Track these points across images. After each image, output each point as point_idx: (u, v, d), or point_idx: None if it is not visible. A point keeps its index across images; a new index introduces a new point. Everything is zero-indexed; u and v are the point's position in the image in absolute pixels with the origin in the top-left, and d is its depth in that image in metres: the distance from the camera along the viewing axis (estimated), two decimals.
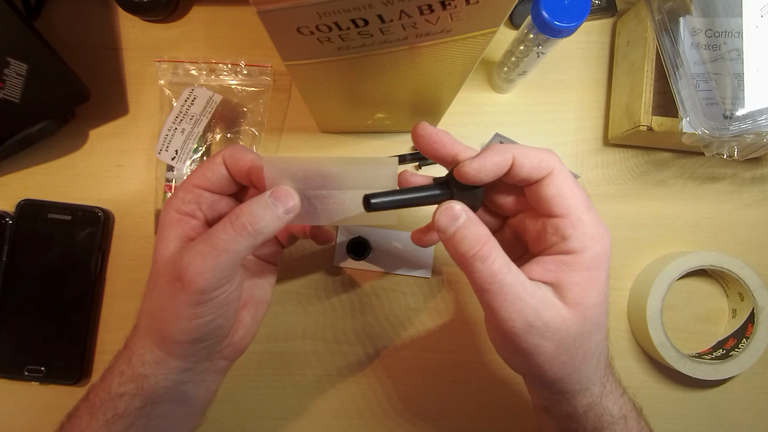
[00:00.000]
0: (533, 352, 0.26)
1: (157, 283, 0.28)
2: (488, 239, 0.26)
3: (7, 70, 0.38)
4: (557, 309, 0.26)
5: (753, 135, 0.39)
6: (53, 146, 0.45)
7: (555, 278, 0.26)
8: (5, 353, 0.43)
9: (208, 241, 0.27)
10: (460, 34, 0.27)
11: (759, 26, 0.39)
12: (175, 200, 0.30)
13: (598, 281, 0.26)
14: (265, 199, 0.27)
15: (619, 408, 0.30)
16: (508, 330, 0.25)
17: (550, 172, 0.26)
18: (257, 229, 0.27)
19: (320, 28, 0.24)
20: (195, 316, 0.27)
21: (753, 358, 0.43)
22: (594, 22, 0.49)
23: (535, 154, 0.26)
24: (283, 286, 0.46)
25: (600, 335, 0.28)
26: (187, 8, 0.48)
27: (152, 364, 0.29)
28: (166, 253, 0.29)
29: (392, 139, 0.47)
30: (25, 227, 0.43)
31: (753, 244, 0.48)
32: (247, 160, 0.29)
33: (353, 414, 0.45)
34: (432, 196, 0.28)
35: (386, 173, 0.29)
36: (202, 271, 0.26)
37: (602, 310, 0.27)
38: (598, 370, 0.29)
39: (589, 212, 0.27)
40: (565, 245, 0.26)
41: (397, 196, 0.27)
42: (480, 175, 0.26)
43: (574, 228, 0.26)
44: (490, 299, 0.25)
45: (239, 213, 0.27)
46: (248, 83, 0.46)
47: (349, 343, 0.45)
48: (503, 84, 0.46)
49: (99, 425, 0.29)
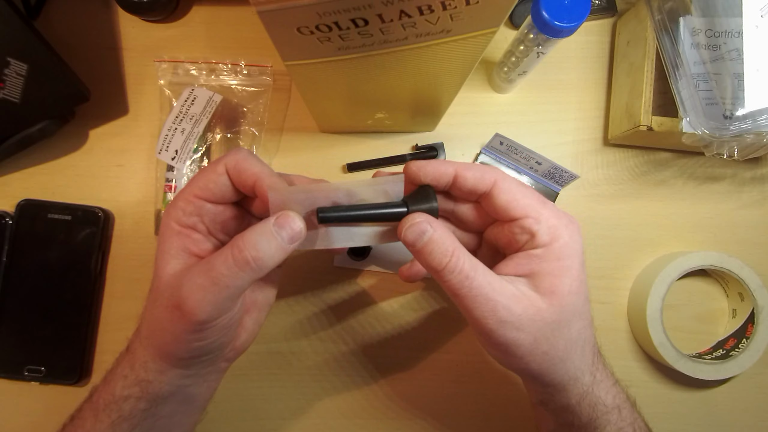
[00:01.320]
0: (512, 345, 0.27)
1: (157, 302, 0.28)
2: (454, 250, 0.26)
3: (7, 70, 0.38)
4: (531, 300, 0.27)
5: (753, 135, 0.39)
6: (53, 146, 0.45)
7: (528, 270, 0.28)
8: (5, 353, 0.43)
9: (209, 274, 0.25)
10: (460, 34, 0.27)
11: (759, 26, 0.39)
12: (175, 211, 0.28)
13: (571, 269, 0.27)
14: (270, 229, 0.26)
15: (612, 397, 0.30)
16: (483, 328, 0.27)
17: (494, 182, 0.28)
18: (260, 265, 0.26)
19: (320, 28, 0.24)
20: (195, 340, 0.27)
21: (753, 358, 0.43)
22: (594, 22, 0.49)
23: (477, 168, 0.29)
24: (283, 287, 0.46)
25: (581, 323, 0.28)
26: (187, 8, 0.48)
27: (155, 371, 0.29)
28: (167, 269, 0.28)
29: (392, 139, 0.47)
30: (25, 227, 0.43)
31: (753, 244, 0.47)
32: (251, 173, 0.28)
33: (353, 414, 0.45)
34: (387, 213, 0.28)
35: (393, 191, 0.29)
36: (201, 305, 0.25)
37: (579, 297, 0.28)
38: (585, 359, 0.29)
39: (546, 207, 0.28)
40: (534, 241, 0.28)
41: (349, 211, 0.28)
42: (419, 173, 0.29)
43: (538, 224, 0.28)
44: (462, 303, 0.27)
45: (242, 247, 0.25)
46: (248, 83, 0.46)
47: (349, 343, 0.45)
48: (503, 84, 0.46)
49: (104, 427, 0.29)
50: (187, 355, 0.28)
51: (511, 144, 0.44)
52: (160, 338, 0.28)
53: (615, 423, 0.30)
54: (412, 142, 0.47)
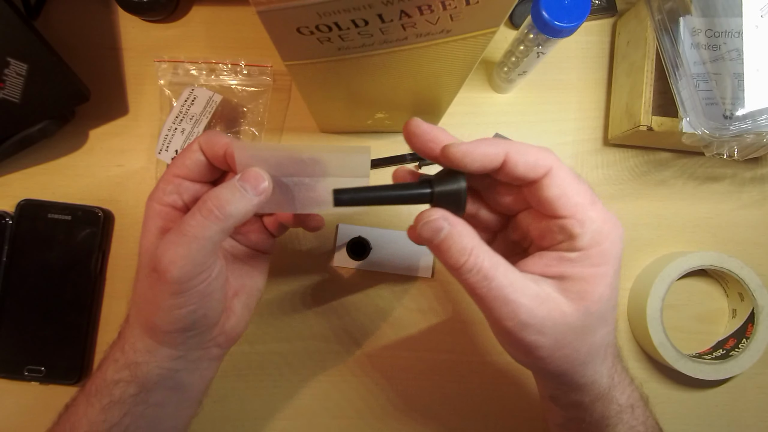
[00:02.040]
0: (532, 348, 0.25)
1: (139, 274, 0.29)
2: (473, 248, 0.25)
3: (7, 70, 0.38)
4: (556, 304, 0.25)
5: (753, 135, 0.39)
6: (53, 146, 0.45)
7: (558, 272, 0.26)
8: (5, 353, 0.43)
9: (179, 229, 0.26)
10: (460, 34, 0.27)
11: (759, 26, 0.39)
12: (156, 192, 0.30)
13: (605, 276, 0.25)
14: (233, 182, 0.27)
15: (627, 397, 0.30)
16: (503, 329, 0.25)
17: (547, 171, 0.25)
18: (226, 214, 0.26)
19: (320, 28, 0.24)
20: (175, 306, 0.27)
21: (753, 358, 0.43)
22: (594, 22, 0.49)
23: (532, 152, 0.25)
24: (283, 287, 0.46)
25: (606, 329, 0.27)
26: (187, 8, 0.48)
27: (144, 351, 0.29)
28: (147, 245, 0.29)
29: (392, 139, 0.47)
30: (25, 227, 0.43)
31: (753, 244, 0.47)
32: (221, 144, 0.29)
33: (353, 414, 0.45)
34: (408, 195, 0.26)
35: (359, 162, 0.28)
36: (174, 260, 0.26)
37: (609, 304, 0.26)
38: (606, 362, 0.28)
39: (595, 207, 0.25)
40: (571, 243, 0.25)
41: (368, 193, 0.26)
42: (465, 160, 0.25)
43: (582, 227, 0.25)
44: (481, 302, 0.25)
45: (206, 198, 0.26)
46: (248, 83, 0.46)
47: (349, 343, 0.45)
48: (503, 84, 0.46)
49: (95, 412, 0.29)
50: (170, 327, 0.28)
51: None
52: (143, 309, 0.29)
53: (627, 422, 0.30)
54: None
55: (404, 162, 0.47)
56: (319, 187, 0.29)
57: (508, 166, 0.25)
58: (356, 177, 0.28)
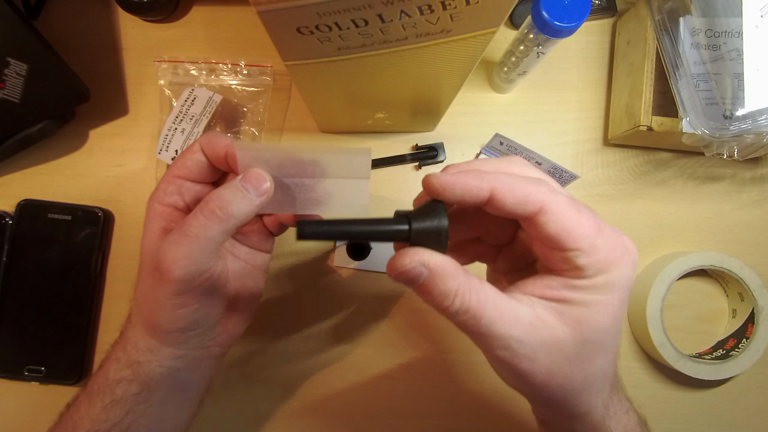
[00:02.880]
0: (524, 376, 0.24)
1: (141, 274, 0.29)
2: (457, 289, 0.23)
3: (7, 70, 0.38)
4: (550, 330, 0.24)
5: (753, 135, 0.39)
6: (53, 146, 0.45)
7: (557, 296, 0.24)
8: (5, 353, 0.43)
9: (181, 229, 0.27)
10: (460, 34, 0.27)
11: (759, 26, 0.39)
12: (157, 192, 0.30)
13: (608, 305, 0.24)
14: (235, 183, 0.27)
15: (622, 427, 0.29)
16: (494, 357, 0.24)
17: (540, 207, 0.23)
18: (228, 214, 0.26)
19: (320, 28, 0.24)
20: (178, 306, 0.28)
21: (753, 358, 0.43)
22: (594, 22, 0.49)
23: (520, 187, 0.23)
24: (283, 287, 0.46)
25: (605, 359, 0.26)
26: (187, 8, 0.48)
27: (146, 351, 0.29)
28: (149, 246, 0.29)
29: (392, 139, 0.47)
30: (25, 227, 0.43)
31: (753, 244, 0.47)
32: (222, 145, 0.29)
33: (353, 414, 0.45)
34: (382, 231, 0.24)
35: (360, 163, 0.28)
36: (176, 260, 0.26)
37: (610, 334, 0.25)
38: (602, 393, 0.27)
39: (602, 235, 0.23)
40: (575, 272, 0.24)
41: (335, 227, 0.23)
42: (444, 193, 0.23)
43: (588, 257, 0.23)
44: (471, 336, 0.24)
45: (208, 199, 0.27)
46: (248, 83, 0.46)
47: (349, 343, 0.45)
48: (503, 84, 0.46)
49: (97, 411, 0.29)
50: (172, 326, 0.28)
51: (511, 144, 0.44)
52: (145, 309, 0.29)
53: None
54: (412, 142, 0.47)
55: (404, 162, 0.47)
56: (320, 188, 0.29)
57: (495, 201, 0.23)
58: (357, 178, 0.28)
